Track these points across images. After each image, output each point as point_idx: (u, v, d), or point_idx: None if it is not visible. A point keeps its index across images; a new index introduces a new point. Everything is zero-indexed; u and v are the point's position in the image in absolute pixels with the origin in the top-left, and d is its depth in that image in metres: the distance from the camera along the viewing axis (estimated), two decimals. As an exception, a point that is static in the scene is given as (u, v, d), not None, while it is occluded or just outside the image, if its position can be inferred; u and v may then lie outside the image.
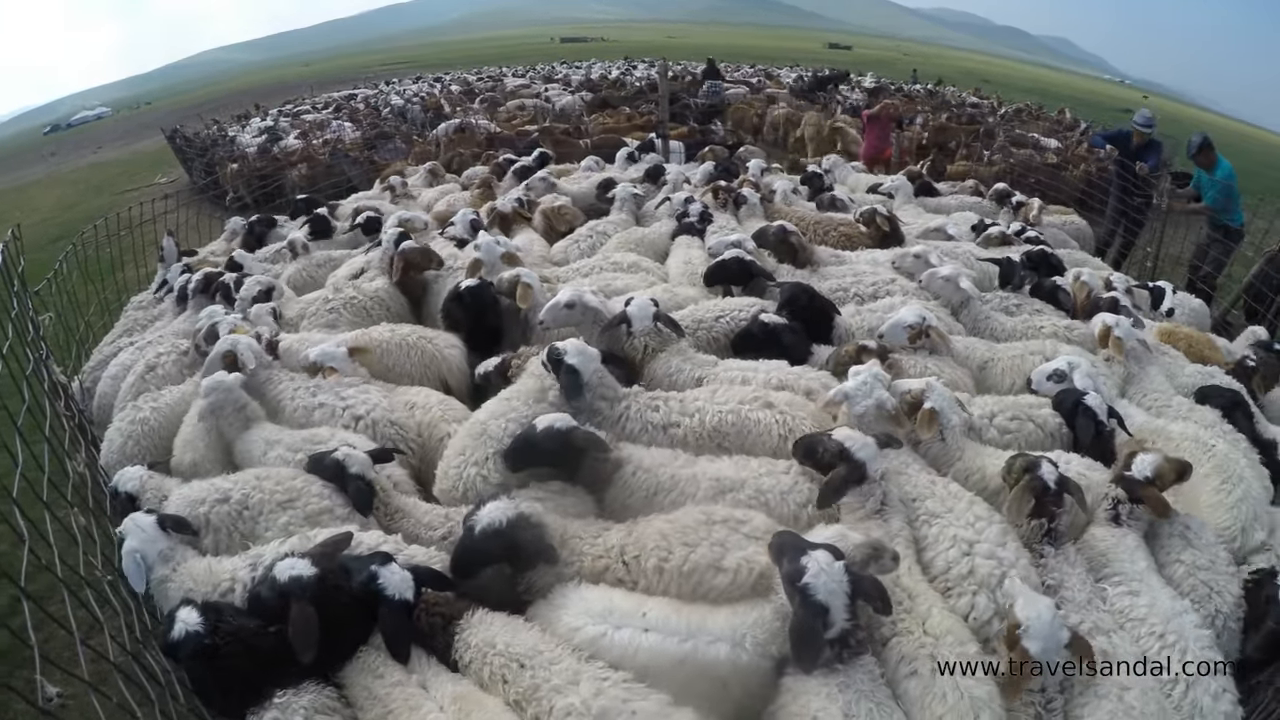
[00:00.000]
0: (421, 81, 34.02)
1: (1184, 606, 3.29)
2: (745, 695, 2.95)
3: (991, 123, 18.67)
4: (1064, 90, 50.72)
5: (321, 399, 4.66)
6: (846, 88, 25.46)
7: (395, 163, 12.97)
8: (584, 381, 4.22)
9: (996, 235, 7.85)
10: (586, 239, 7.62)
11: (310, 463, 3.90)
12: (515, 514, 3.27)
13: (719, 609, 3.04)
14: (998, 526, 3.41)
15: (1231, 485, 3.96)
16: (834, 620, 2.70)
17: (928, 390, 4.09)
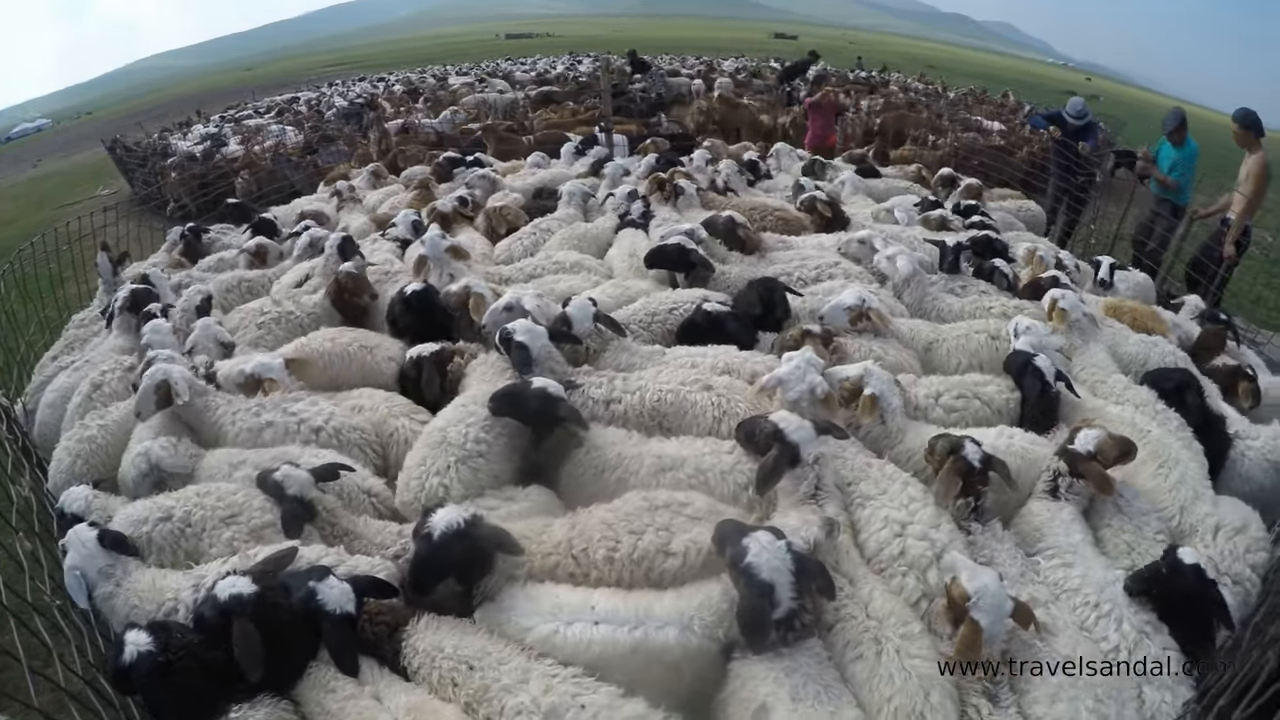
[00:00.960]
0: (365, 82, 33.63)
1: (1116, 575, 3.34)
2: (698, 679, 2.98)
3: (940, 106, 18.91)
4: (1008, 75, 51.52)
5: (268, 417, 4.50)
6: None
7: (338, 166, 12.79)
8: (533, 356, 4.37)
9: (936, 218, 7.95)
10: (530, 236, 7.57)
11: (258, 481, 3.82)
12: (471, 514, 3.26)
13: (665, 594, 3.07)
14: (931, 508, 3.46)
15: (1168, 469, 4.03)
16: (780, 599, 2.72)
17: (866, 376, 4.13)
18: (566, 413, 3.93)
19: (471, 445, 3.99)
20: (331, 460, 4.04)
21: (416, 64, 44.15)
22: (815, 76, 21.07)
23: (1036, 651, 2.96)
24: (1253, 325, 8.79)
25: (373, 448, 4.54)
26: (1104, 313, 5.82)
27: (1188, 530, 3.81)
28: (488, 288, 5.53)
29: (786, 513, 3.46)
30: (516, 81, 25.56)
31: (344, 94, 28.24)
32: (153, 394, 4.42)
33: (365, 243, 7.63)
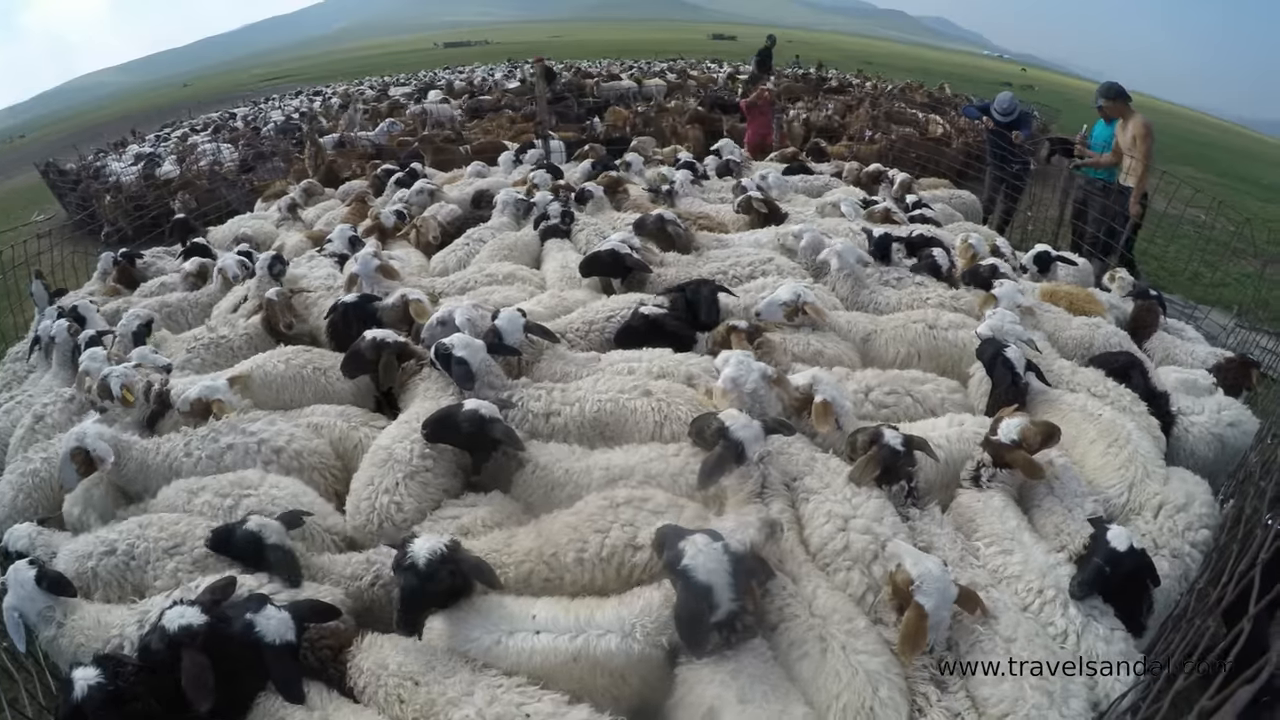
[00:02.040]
0: (301, 96, 33.22)
1: (1058, 559, 3.37)
2: (644, 686, 2.98)
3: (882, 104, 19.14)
4: (944, 68, 52.31)
5: (228, 440, 4.37)
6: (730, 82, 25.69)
7: (275, 182, 12.58)
8: (474, 371, 4.30)
9: (880, 211, 8.04)
10: (463, 247, 7.52)
11: (215, 540, 3.57)
12: (449, 539, 3.19)
13: (607, 602, 3.07)
14: (876, 501, 3.46)
15: (1119, 447, 4.09)
16: (719, 601, 2.71)
17: (815, 383, 4.11)
18: (501, 434, 3.89)
19: (418, 461, 3.97)
20: (289, 490, 4.03)
21: (353, 76, 43.78)
22: (751, 76, 21.20)
23: (979, 635, 2.98)
24: (1190, 300, 9.07)
25: (332, 471, 4.47)
26: (1042, 298, 5.92)
27: (1135, 508, 3.88)
28: (422, 293, 5.53)
29: (730, 511, 3.45)
30: (456, 91, 25.47)
31: (280, 108, 27.86)
32: (70, 465, 4.16)
33: (302, 260, 7.50)
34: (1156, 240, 9.54)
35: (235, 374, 4.89)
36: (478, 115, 18.96)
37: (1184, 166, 21.15)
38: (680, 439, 4.04)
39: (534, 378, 4.70)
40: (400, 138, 15.40)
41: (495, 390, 4.37)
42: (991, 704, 2.82)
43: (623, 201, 8.59)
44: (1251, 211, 11.66)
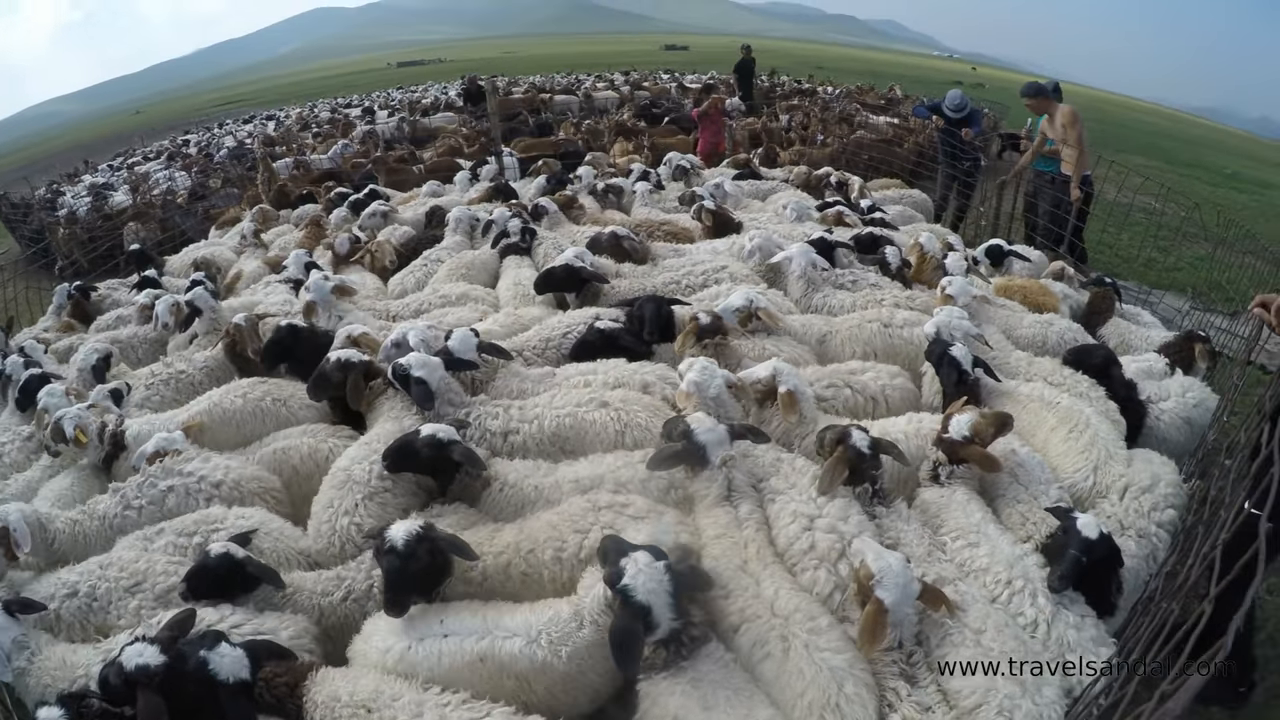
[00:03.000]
0: (254, 121, 32.92)
1: (1025, 549, 3.39)
2: (549, 695, 3.04)
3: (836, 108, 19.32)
4: (895, 70, 52.91)
5: (166, 484, 4.27)
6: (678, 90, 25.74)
7: (228, 209, 12.43)
8: (434, 390, 4.29)
9: (833, 214, 8.10)
10: (421, 268, 7.48)
11: (192, 583, 3.47)
12: (425, 522, 3.28)
13: (519, 608, 3.14)
14: (841, 500, 3.46)
15: (1079, 433, 4.13)
16: (658, 620, 2.70)
17: (777, 374, 4.15)
18: (461, 456, 3.85)
19: (376, 482, 3.95)
20: (257, 519, 3.99)
21: (307, 98, 43.57)
22: (704, 85, 21.31)
23: (948, 629, 2.98)
24: (1145, 286, 9.26)
25: (273, 494, 4.41)
26: (997, 294, 5.98)
27: (1101, 491, 3.91)
28: (361, 326, 5.48)
29: (699, 515, 3.52)
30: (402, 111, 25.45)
31: (233, 134, 27.60)
32: None
33: (259, 286, 7.43)
34: (1109, 228, 9.67)
35: (189, 421, 4.78)
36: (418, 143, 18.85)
37: (1134, 156, 21.56)
38: (642, 445, 4.06)
39: (490, 396, 4.68)
40: (354, 159, 15.31)
41: (455, 408, 4.37)
42: (963, 696, 2.80)
43: (578, 216, 8.58)
44: (1201, 196, 11.92)
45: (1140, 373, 5.12)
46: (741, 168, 11.03)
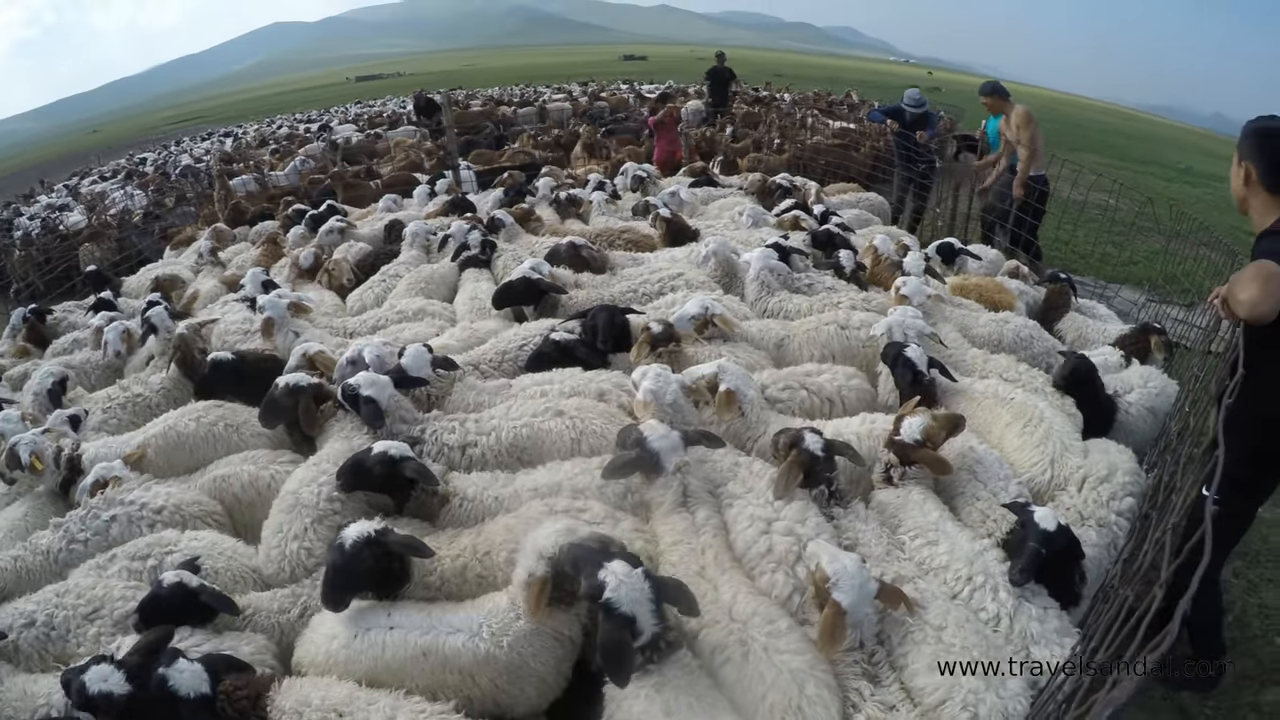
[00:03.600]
0: (212, 139, 32.60)
1: (984, 545, 3.40)
2: (494, 688, 3.08)
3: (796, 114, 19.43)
4: (853, 75, 53.59)
5: (109, 514, 4.22)
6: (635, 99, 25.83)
7: (185, 228, 12.27)
8: (383, 409, 4.26)
9: (790, 218, 8.16)
10: (379, 284, 7.44)
11: (146, 611, 3.40)
12: (380, 524, 3.28)
13: (463, 604, 3.21)
14: (798, 503, 3.45)
15: (1034, 427, 4.17)
16: (642, 629, 2.67)
17: (720, 372, 4.19)
18: (413, 472, 3.82)
19: (325, 505, 3.90)
20: (209, 539, 3.96)
21: (265, 114, 43.33)
22: (661, 94, 21.38)
23: (909, 628, 2.98)
24: (1100, 280, 9.38)
25: (214, 517, 4.36)
26: (953, 293, 6.04)
27: (1060, 483, 3.94)
28: (317, 344, 5.43)
29: (656, 522, 3.53)
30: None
31: (189, 151, 27.31)
32: None
33: (216, 305, 7.35)
34: (1065, 225, 9.80)
35: (131, 451, 4.72)
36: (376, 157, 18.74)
37: (1089, 154, 21.86)
38: (599, 452, 4.06)
39: (446, 410, 4.67)
40: (311, 175, 15.19)
41: (408, 425, 4.34)
42: (927, 693, 2.80)
43: (536, 228, 8.58)
44: (1155, 191, 12.11)
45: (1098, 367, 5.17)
46: (698, 175, 11.12)
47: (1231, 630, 4.56)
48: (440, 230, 8.26)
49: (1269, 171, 3.45)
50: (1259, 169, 3.46)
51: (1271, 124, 3.50)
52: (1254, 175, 3.48)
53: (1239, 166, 3.56)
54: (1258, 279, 3.15)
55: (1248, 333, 3.42)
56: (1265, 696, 4.15)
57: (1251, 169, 3.49)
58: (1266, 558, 5.22)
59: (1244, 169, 3.52)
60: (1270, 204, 3.49)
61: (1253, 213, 3.58)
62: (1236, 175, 3.59)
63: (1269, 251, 3.26)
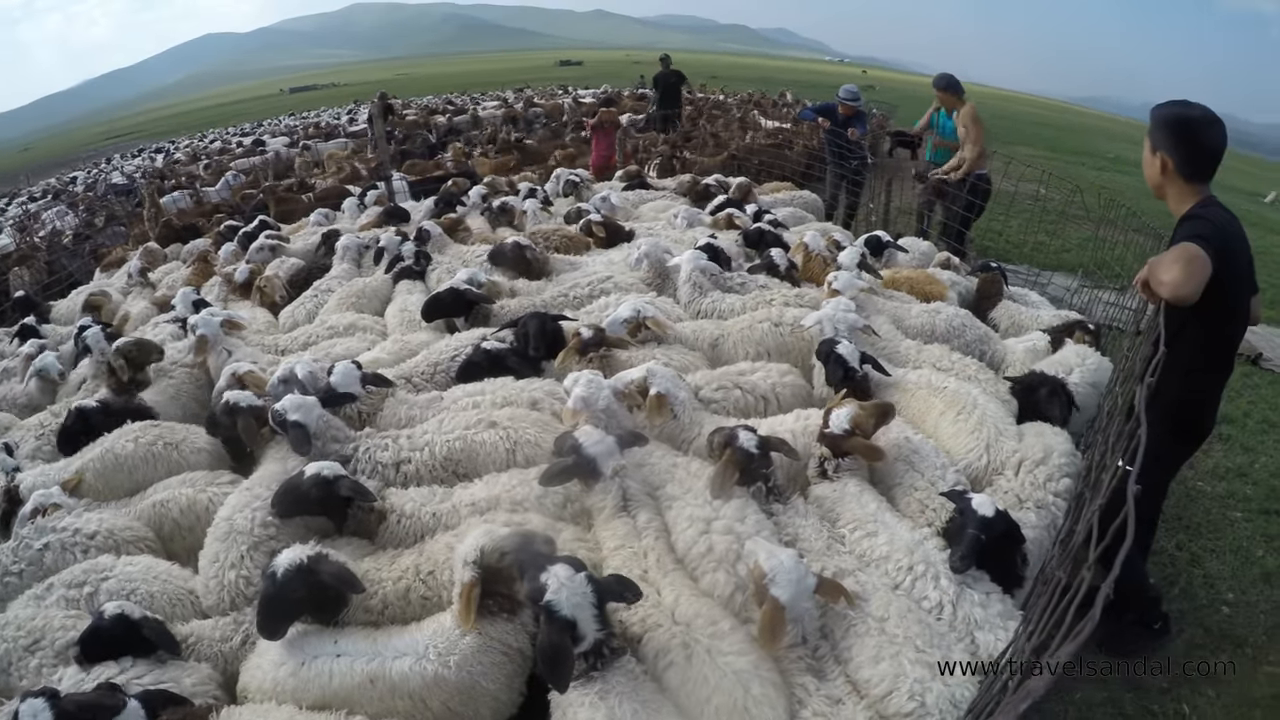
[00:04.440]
0: (143, 155, 31.97)
1: (923, 534, 3.42)
2: (446, 711, 3.01)
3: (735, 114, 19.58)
4: (788, 75, 54.19)
5: (41, 542, 4.11)
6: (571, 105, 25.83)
7: (115, 249, 11.95)
8: (311, 432, 4.14)
9: (724, 218, 8.21)
10: (311, 299, 7.30)
11: (86, 646, 3.31)
12: (314, 552, 3.20)
13: (408, 627, 3.14)
14: (736, 501, 3.45)
15: (967, 414, 4.21)
16: (584, 633, 2.65)
17: (649, 376, 4.18)
18: (349, 490, 3.75)
19: (259, 530, 3.79)
20: (144, 564, 3.87)
21: (198, 128, 42.65)
22: (603, 100, 21.42)
23: (851, 621, 2.99)
24: (1034, 268, 9.68)
25: (146, 542, 4.25)
26: (885, 285, 6.12)
27: (997, 468, 3.98)
28: (248, 363, 5.33)
29: (598, 528, 3.51)
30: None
31: (119, 168, 26.75)
32: None
33: (147, 327, 7.16)
34: (998, 216, 9.99)
35: (69, 477, 4.61)
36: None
37: (1020, 146, 22.27)
38: (535, 462, 4.03)
39: (379, 427, 4.60)
40: (243, 190, 14.92)
41: (340, 444, 4.26)
42: (873, 685, 2.82)
43: (465, 238, 8.50)
44: (1087, 180, 12.34)
45: (1028, 353, 5.31)
46: (632, 179, 11.14)
47: (1179, 602, 4.70)
48: (373, 243, 8.15)
49: (1185, 161, 3.54)
50: (1175, 160, 3.54)
51: (1183, 112, 3.56)
52: (1170, 166, 3.56)
53: (1154, 156, 3.63)
54: (1179, 261, 3.22)
55: (1169, 312, 3.52)
56: (1215, 664, 4.26)
57: (1167, 160, 3.56)
58: (1207, 530, 5.38)
59: (1159, 159, 3.60)
60: (1187, 190, 3.58)
61: (1170, 199, 3.67)
62: (1151, 164, 3.66)
63: (1190, 234, 3.34)
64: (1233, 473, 6.10)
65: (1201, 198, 3.56)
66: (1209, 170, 3.57)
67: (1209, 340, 3.61)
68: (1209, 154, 3.53)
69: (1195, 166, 3.54)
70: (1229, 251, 3.35)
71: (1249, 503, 5.72)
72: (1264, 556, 5.15)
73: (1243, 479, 6.02)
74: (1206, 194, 3.57)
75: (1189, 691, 4.09)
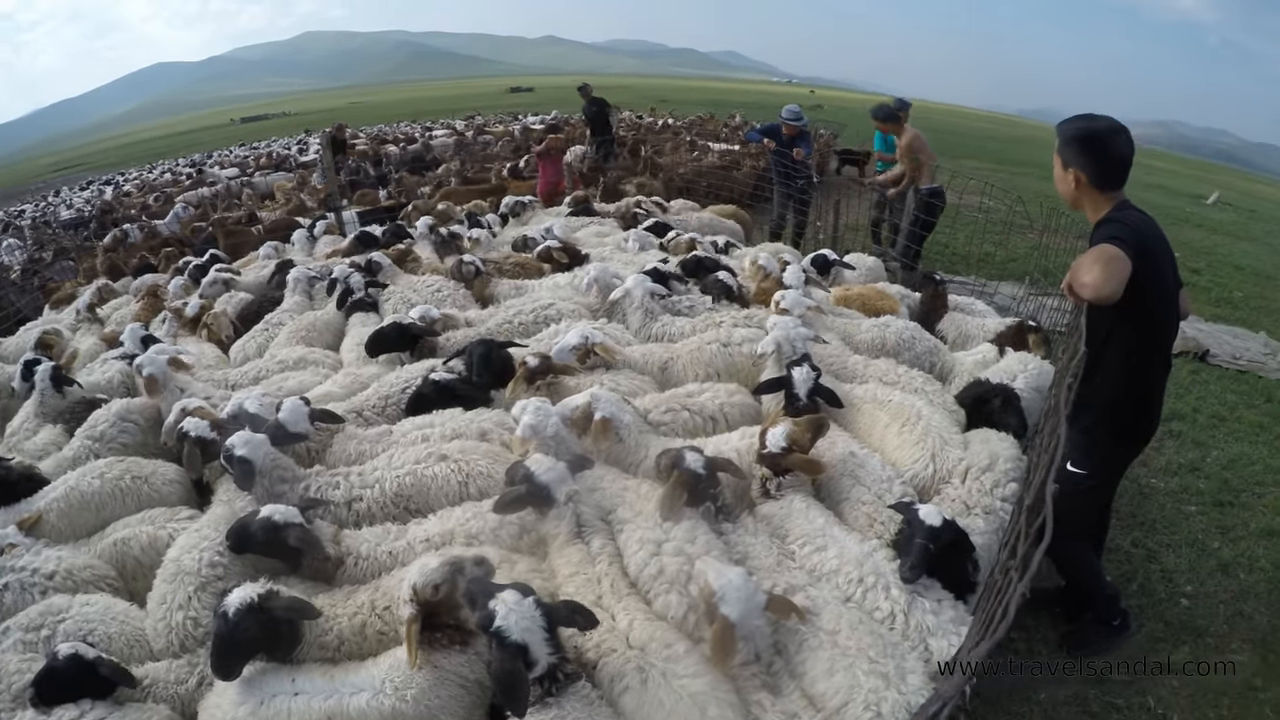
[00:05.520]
0: (93, 187, 31.50)
1: (872, 546, 3.46)
2: None
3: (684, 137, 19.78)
4: (737, 97, 54.90)
5: (1, 581, 4.04)
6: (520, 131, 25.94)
7: (64, 284, 11.76)
8: (257, 469, 4.10)
9: (684, 242, 8.25)
10: (262, 333, 7.20)
11: (40, 690, 3.26)
12: (265, 589, 3.17)
13: (365, 662, 3.11)
14: (686, 523, 3.47)
15: (911, 425, 4.27)
16: (536, 658, 2.66)
17: (593, 401, 4.19)
18: (297, 541, 3.67)
19: (207, 570, 3.74)
20: (101, 604, 3.81)
21: (148, 159, 42.17)
22: (549, 126, 21.54)
23: (804, 635, 3.02)
24: (981, 279, 9.85)
25: (107, 581, 4.18)
26: (835, 303, 6.20)
27: (944, 476, 4.05)
28: (198, 401, 5.21)
29: (553, 555, 3.52)
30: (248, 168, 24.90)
31: (67, 201, 26.33)
32: None
33: (96, 364, 7.02)
34: (943, 229, 10.19)
35: (26, 515, 4.49)
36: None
37: (967, 160, 22.66)
38: (487, 494, 4.01)
39: (329, 463, 4.55)
40: (192, 223, 14.75)
41: (288, 484, 4.20)
42: (829, 698, 2.83)
43: (415, 268, 8.40)
44: (1032, 190, 12.64)
45: (975, 365, 5.38)
46: (579, 205, 11.23)
47: (1138, 597, 4.81)
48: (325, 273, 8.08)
49: (1097, 173, 3.64)
50: (1088, 174, 3.64)
51: (1089, 126, 3.66)
52: (1083, 179, 3.66)
53: (1066, 172, 3.72)
54: (1098, 263, 3.30)
55: (1098, 316, 3.62)
56: (1176, 656, 4.36)
57: (1079, 174, 3.66)
58: (1162, 525, 5.53)
59: (1072, 174, 3.70)
60: (1101, 199, 3.69)
61: (1087, 210, 3.77)
62: (1064, 180, 3.75)
63: (1106, 237, 3.42)
64: (1185, 468, 6.27)
65: (1116, 203, 3.66)
66: (1120, 178, 3.67)
67: (1142, 339, 3.70)
68: (1118, 163, 3.63)
69: (1107, 177, 3.64)
70: (1147, 251, 3.45)
71: (1202, 496, 5.89)
72: (1220, 548, 5.31)
73: (1195, 473, 6.19)
74: (1121, 199, 3.67)
75: (1152, 683, 4.18)
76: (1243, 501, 5.86)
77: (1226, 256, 14.68)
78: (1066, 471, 3.98)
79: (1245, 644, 4.50)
